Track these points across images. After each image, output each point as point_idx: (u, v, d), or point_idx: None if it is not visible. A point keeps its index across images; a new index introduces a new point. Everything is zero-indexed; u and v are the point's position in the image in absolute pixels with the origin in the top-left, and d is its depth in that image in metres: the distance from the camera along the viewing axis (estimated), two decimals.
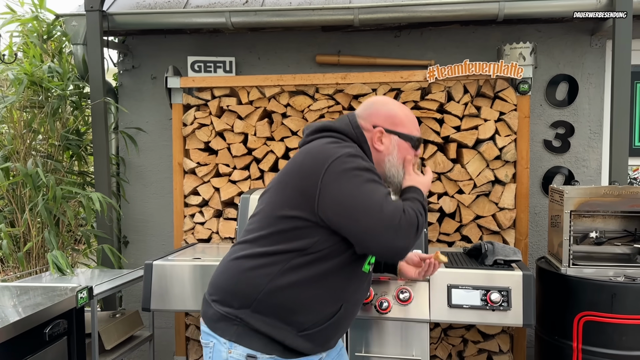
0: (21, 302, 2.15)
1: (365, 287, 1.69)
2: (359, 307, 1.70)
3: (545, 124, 3.35)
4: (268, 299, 1.52)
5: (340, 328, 1.64)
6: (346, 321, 1.64)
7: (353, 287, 1.61)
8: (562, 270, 2.49)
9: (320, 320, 1.56)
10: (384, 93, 3.14)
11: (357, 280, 1.62)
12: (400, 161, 1.66)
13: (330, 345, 1.66)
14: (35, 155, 3.41)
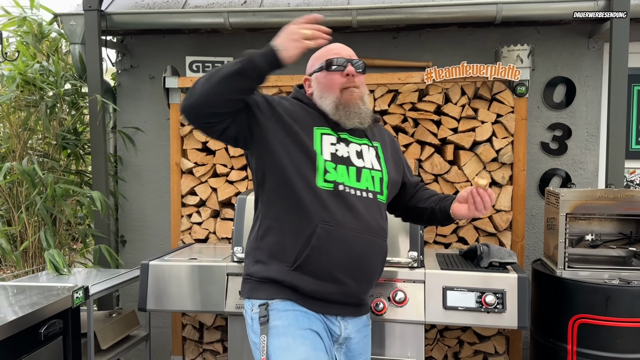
0: (17, 301, 2.16)
1: (345, 207, 1.64)
2: (353, 230, 1.64)
3: (543, 126, 3.35)
4: (260, 245, 1.71)
5: (332, 253, 1.62)
6: (335, 245, 1.62)
7: (317, 205, 1.61)
8: (558, 273, 2.50)
9: (302, 248, 1.62)
10: (382, 94, 3.15)
11: (318, 198, 1.62)
12: (321, 91, 1.74)
13: (339, 283, 1.64)
14: (31, 154, 3.41)
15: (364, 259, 1.67)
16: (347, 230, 1.63)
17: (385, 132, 1.98)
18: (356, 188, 1.68)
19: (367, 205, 1.69)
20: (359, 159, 1.74)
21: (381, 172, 1.78)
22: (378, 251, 1.73)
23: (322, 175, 1.64)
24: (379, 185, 1.76)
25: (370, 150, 1.80)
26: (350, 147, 1.75)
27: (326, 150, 1.68)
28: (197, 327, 3.38)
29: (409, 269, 2.44)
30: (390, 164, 1.85)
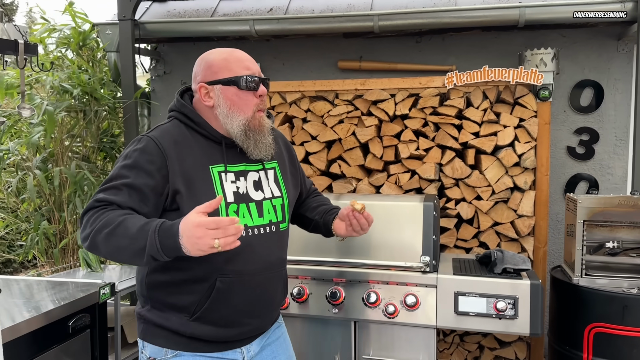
0: (50, 295, 2.32)
1: (245, 253, 1.51)
2: (253, 275, 1.55)
3: (569, 130, 3.29)
4: (153, 292, 1.56)
5: (231, 301, 1.54)
6: (234, 294, 1.53)
7: (217, 259, 1.47)
8: (575, 280, 2.47)
9: (202, 300, 1.51)
10: (403, 99, 3.17)
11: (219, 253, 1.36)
12: (230, 109, 1.54)
13: (241, 325, 1.57)
14: (71, 157, 3.61)
15: (264, 296, 1.61)
16: (246, 277, 1.55)
17: (280, 138, 1.78)
18: (258, 226, 1.57)
19: (267, 242, 1.59)
20: (257, 190, 1.60)
21: (282, 198, 1.66)
22: (277, 283, 1.67)
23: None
24: (280, 213, 1.65)
25: (269, 173, 1.67)
26: (248, 179, 1.60)
27: (228, 190, 1.54)
28: None
29: (421, 273, 2.47)
30: (288, 183, 1.74)
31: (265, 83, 1.58)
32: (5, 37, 2.37)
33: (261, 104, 1.58)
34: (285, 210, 1.67)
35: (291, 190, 1.74)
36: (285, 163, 1.76)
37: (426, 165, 3.14)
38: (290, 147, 1.85)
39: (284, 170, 1.73)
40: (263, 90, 1.56)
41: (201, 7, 3.61)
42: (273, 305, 1.68)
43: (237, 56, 1.56)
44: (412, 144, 3.16)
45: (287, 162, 1.77)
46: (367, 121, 3.19)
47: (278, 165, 1.72)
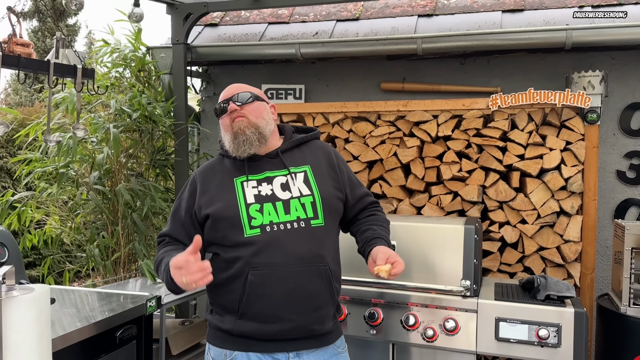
0: (99, 306, 2.43)
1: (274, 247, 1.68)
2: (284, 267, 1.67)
3: (619, 154, 3.20)
4: (211, 296, 1.83)
5: (266, 295, 1.67)
6: (268, 286, 1.66)
7: (246, 254, 1.67)
8: (622, 310, 2.39)
9: (240, 296, 1.69)
10: (445, 120, 3.17)
11: (247, 247, 1.68)
12: (223, 135, 1.85)
13: (281, 321, 1.68)
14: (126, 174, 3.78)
15: (299, 291, 1.68)
16: (277, 270, 1.67)
17: (320, 148, 1.92)
18: (285, 222, 1.71)
19: (297, 236, 1.70)
20: (284, 191, 1.76)
21: (312, 196, 1.76)
22: (316, 278, 1.71)
23: (247, 224, 1.70)
24: (311, 210, 1.75)
25: (298, 176, 1.80)
26: (274, 183, 1.77)
27: (249, 194, 1.75)
28: None
29: (461, 297, 2.45)
30: (324, 183, 1.82)
31: (234, 99, 1.78)
32: (65, 62, 2.54)
33: (232, 116, 1.77)
34: (318, 208, 1.76)
35: (327, 190, 1.81)
36: (321, 167, 1.86)
37: (469, 187, 3.12)
38: (330, 154, 1.92)
39: (319, 173, 1.83)
40: (232, 107, 1.77)
41: (250, 32, 3.74)
42: (314, 302, 1.71)
43: (226, 89, 1.86)
44: (454, 166, 3.15)
45: (325, 167, 1.87)
46: (409, 142, 3.21)
47: (311, 169, 1.83)
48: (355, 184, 1.97)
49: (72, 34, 15.21)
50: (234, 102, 1.78)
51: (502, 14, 3.31)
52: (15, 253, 2.23)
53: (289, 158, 1.83)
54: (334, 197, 1.84)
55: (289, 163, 1.81)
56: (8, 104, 13.53)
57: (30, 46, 2.65)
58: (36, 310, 1.24)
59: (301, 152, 1.88)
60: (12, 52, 2.54)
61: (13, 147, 6.11)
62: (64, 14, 13.52)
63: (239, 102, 1.78)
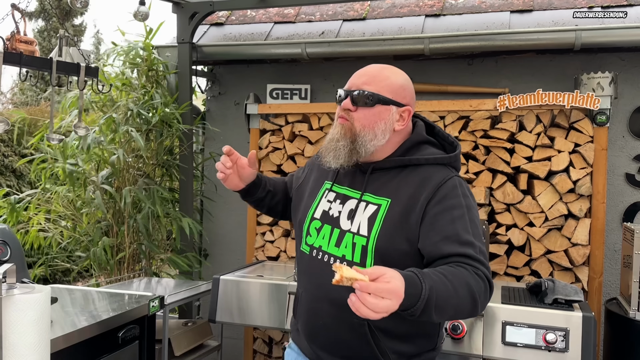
0: (102, 306, 2.41)
1: (316, 274, 1.49)
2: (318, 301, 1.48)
3: (628, 157, 3.16)
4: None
5: (304, 320, 1.56)
6: (306, 313, 1.54)
7: (300, 268, 1.59)
8: (631, 314, 2.35)
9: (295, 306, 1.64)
10: (452, 121, 3.15)
11: (302, 262, 1.58)
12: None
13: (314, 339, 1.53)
14: (133, 174, 3.76)
15: (329, 333, 1.47)
16: (310, 298, 1.52)
17: (424, 180, 1.42)
18: (331, 254, 1.46)
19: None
20: (348, 219, 1.46)
21: (367, 238, 1.41)
22: (346, 329, 1.43)
23: (305, 237, 1.56)
24: (359, 255, 1.41)
25: (369, 207, 1.44)
26: (347, 205, 1.48)
27: (320, 208, 1.55)
28: (267, 342, 3.54)
29: None
30: (391, 228, 1.40)
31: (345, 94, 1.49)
32: (69, 60, 2.53)
33: (342, 112, 1.50)
34: (369, 256, 1.40)
35: (389, 238, 1.40)
36: (404, 207, 1.41)
37: (476, 189, 3.08)
38: (427, 192, 1.40)
39: (393, 215, 1.41)
40: (346, 103, 1.47)
41: (256, 31, 3.72)
42: (345, 352, 1.47)
43: (357, 70, 1.55)
44: (461, 167, 3.11)
45: (402, 210, 1.41)
46: None
47: (389, 205, 1.42)
48: (443, 236, 1.35)
49: (78, 34, 15.27)
50: (352, 99, 1.44)
51: (510, 14, 3.27)
52: (17, 251, 2.22)
53: (376, 180, 1.47)
54: (398, 252, 1.40)
55: (371, 187, 1.47)
56: (14, 103, 13.58)
57: (34, 44, 2.63)
58: (36, 311, 1.23)
59: (396, 177, 1.46)
60: (15, 49, 2.53)
61: (19, 147, 6.12)
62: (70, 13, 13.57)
63: (355, 102, 1.44)
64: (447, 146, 1.55)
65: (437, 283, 1.19)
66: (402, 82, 1.48)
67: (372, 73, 1.46)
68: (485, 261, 1.33)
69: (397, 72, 1.51)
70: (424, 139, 1.52)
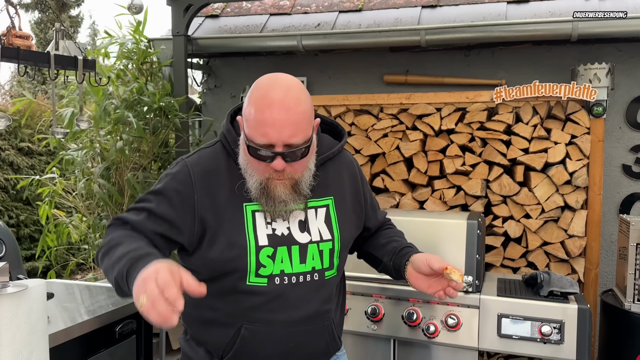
0: (98, 301, 2.42)
1: (278, 303, 1.36)
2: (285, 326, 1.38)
3: (625, 148, 3.16)
4: (189, 325, 1.49)
5: (259, 353, 1.39)
6: (263, 345, 1.38)
7: (243, 305, 1.36)
8: (626, 306, 2.36)
9: (228, 347, 1.39)
10: (449, 113, 3.14)
11: (246, 297, 1.34)
12: (247, 164, 1.34)
13: None
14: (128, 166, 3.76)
15: (299, 351, 1.41)
16: (277, 329, 1.37)
17: (346, 168, 1.53)
18: (298, 273, 1.37)
19: (306, 292, 1.39)
20: (303, 232, 1.39)
21: (332, 241, 1.42)
22: (319, 336, 1.44)
23: (253, 272, 1.33)
24: (328, 260, 1.42)
25: (319, 212, 1.43)
26: (292, 218, 1.38)
27: (261, 233, 1.35)
28: None
29: (463, 293, 2.42)
30: (346, 222, 1.48)
31: (285, 155, 1.26)
32: (66, 54, 2.51)
33: (276, 175, 1.30)
34: (335, 256, 1.44)
35: (348, 232, 1.49)
36: (345, 198, 1.50)
37: (472, 182, 3.08)
38: (356, 176, 1.56)
39: (343, 208, 1.48)
40: (278, 164, 1.27)
41: (251, 23, 3.70)
42: (314, 357, 1.47)
43: (262, 114, 1.24)
44: (457, 159, 3.12)
45: (350, 197, 1.51)
46: (412, 135, 3.17)
47: (334, 201, 1.46)
48: (376, 208, 1.65)
49: (75, 25, 15.18)
50: (284, 158, 1.27)
51: (507, 5, 3.26)
52: (12, 248, 2.22)
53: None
54: (351, 238, 1.53)
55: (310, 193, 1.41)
56: (12, 96, 13.53)
57: (30, 38, 2.62)
58: (27, 307, 1.23)
59: (324, 174, 1.45)
60: (12, 44, 2.51)
61: (15, 140, 6.11)
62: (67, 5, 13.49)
63: (289, 158, 1.28)
64: (324, 127, 1.56)
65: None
66: (307, 99, 1.31)
67: (292, 118, 1.25)
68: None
69: (298, 89, 1.29)
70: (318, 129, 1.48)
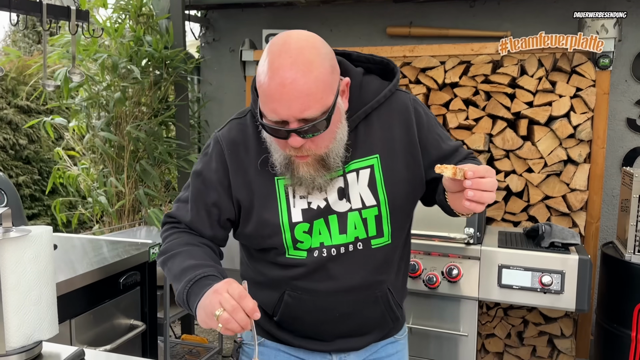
0: (102, 253, 2.43)
1: (319, 273, 1.27)
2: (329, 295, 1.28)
3: (630, 101, 3.12)
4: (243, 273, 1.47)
5: (304, 320, 1.33)
6: (306, 312, 1.31)
7: (285, 274, 1.29)
8: (626, 257, 2.37)
9: (275, 308, 1.34)
10: (453, 66, 3.08)
11: (296, 268, 1.28)
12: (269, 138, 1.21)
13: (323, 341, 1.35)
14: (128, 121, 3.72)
15: (348, 320, 1.32)
16: (320, 297, 1.28)
17: (397, 114, 1.29)
18: (338, 245, 1.25)
19: (352, 263, 1.27)
20: (341, 199, 1.25)
21: (377, 207, 1.25)
22: (370, 306, 1.32)
23: (291, 246, 1.26)
24: (374, 227, 1.26)
25: (362, 174, 1.26)
26: (330, 188, 1.24)
27: (295, 208, 1.25)
28: None
29: (464, 244, 2.44)
30: (398, 182, 1.28)
31: (300, 131, 1.10)
32: (58, 4, 2.45)
33: (298, 152, 1.16)
34: (385, 223, 1.27)
35: (400, 193, 1.28)
36: (396, 154, 1.28)
37: (475, 136, 3.06)
38: (410, 124, 1.29)
39: (392, 166, 1.27)
40: (295, 142, 1.12)
41: None
42: (367, 328, 1.36)
43: (269, 87, 1.09)
44: (461, 114, 3.08)
45: (402, 152, 1.28)
46: (415, 89, 3.13)
47: (380, 160, 1.27)
48: (444, 148, 1.32)
49: None
50: (300, 134, 1.11)
51: None
52: (14, 199, 2.21)
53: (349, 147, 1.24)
54: (410, 200, 1.33)
55: (350, 154, 1.24)
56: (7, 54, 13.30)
57: None
58: (33, 252, 1.23)
59: (368, 129, 1.27)
60: None
61: (13, 97, 6.04)
62: None
63: (306, 133, 1.12)
64: (372, 66, 1.33)
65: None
66: (323, 62, 1.11)
67: (302, 89, 1.07)
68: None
69: (311, 51, 1.10)
70: (360, 75, 1.29)
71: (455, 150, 1.34)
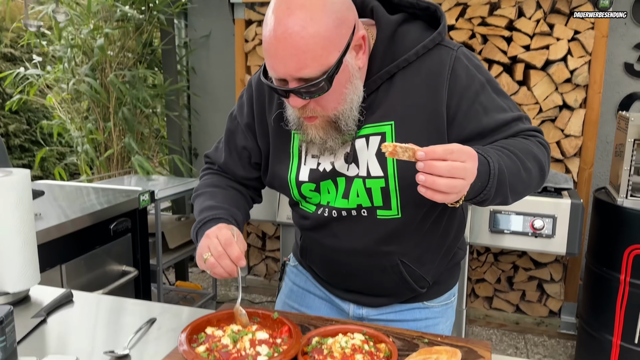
0: (91, 199, 2.41)
1: (326, 230, 1.23)
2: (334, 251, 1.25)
3: (628, 45, 3.04)
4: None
5: (317, 261, 1.34)
6: (320, 258, 1.33)
7: (306, 225, 1.28)
8: (619, 202, 2.37)
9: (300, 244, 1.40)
10: (449, 8, 2.99)
11: (307, 220, 1.26)
12: None
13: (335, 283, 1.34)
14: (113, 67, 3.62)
15: (358, 281, 1.29)
16: (327, 252, 1.28)
17: (425, 73, 1.10)
18: (341, 208, 1.19)
19: (354, 226, 1.20)
20: (350, 163, 1.15)
21: (384, 178, 1.12)
22: (379, 274, 1.25)
23: (301, 199, 1.25)
24: (380, 198, 1.15)
25: (371, 141, 1.13)
26: (341, 150, 1.15)
27: (304, 167, 1.20)
28: (260, 236, 3.61)
29: None
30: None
31: (298, 91, 1.01)
32: None
33: (303, 113, 1.07)
34: (393, 196, 1.14)
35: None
36: (415, 122, 1.11)
37: None
38: (440, 88, 1.09)
39: (406, 137, 1.10)
40: (294, 102, 1.04)
41: None
42: (378, 291, 1.30)
43: (266, 42, 1.00)
44: None
45: (423, 120, 1.10)
46: None
47: (394, 128, 1.11)
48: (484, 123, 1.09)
49: None
50: (299, 94, 1.02)
51: None
52: None
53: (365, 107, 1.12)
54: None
55: (364, 118, 1.13)
56: None
57: None
58: (16, 193, 1.19)
59: (387, 91, 1.12)
60: None
61: None
62: None
63: (305, 94, 1.02)
64: (419, 13, 1.15)
65: (501, 156, 1.01)
66: (327, 15, 0.98)
67: (298, 45, 0.96)
68: (537, 127, 1.14)
69: (314, 2, 0.97)
70: (395, 25, 1.12)
71: (503, 125, 1.10)
